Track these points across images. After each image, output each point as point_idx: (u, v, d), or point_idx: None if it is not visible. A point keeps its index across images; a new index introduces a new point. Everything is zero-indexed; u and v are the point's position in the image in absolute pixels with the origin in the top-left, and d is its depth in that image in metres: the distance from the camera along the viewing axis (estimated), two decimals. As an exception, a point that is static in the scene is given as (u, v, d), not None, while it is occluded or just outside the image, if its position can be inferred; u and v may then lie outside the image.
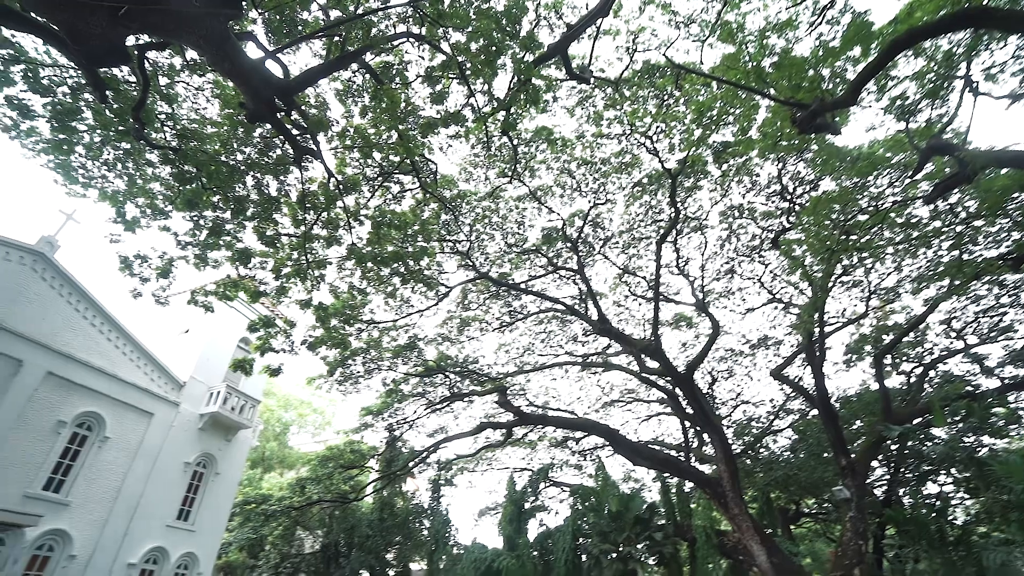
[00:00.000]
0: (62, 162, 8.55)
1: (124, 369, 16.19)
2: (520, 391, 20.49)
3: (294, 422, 40.77)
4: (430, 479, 25.94)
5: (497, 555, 21.56)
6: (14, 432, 13.13)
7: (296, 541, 26.21)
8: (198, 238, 9.75)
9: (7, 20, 5.24)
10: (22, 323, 13.78)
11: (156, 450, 16.49)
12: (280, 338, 11.29)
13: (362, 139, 9.35)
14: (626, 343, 16.20)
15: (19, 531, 12.43)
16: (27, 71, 7.50)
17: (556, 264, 16.09)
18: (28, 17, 5.35)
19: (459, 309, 17.48)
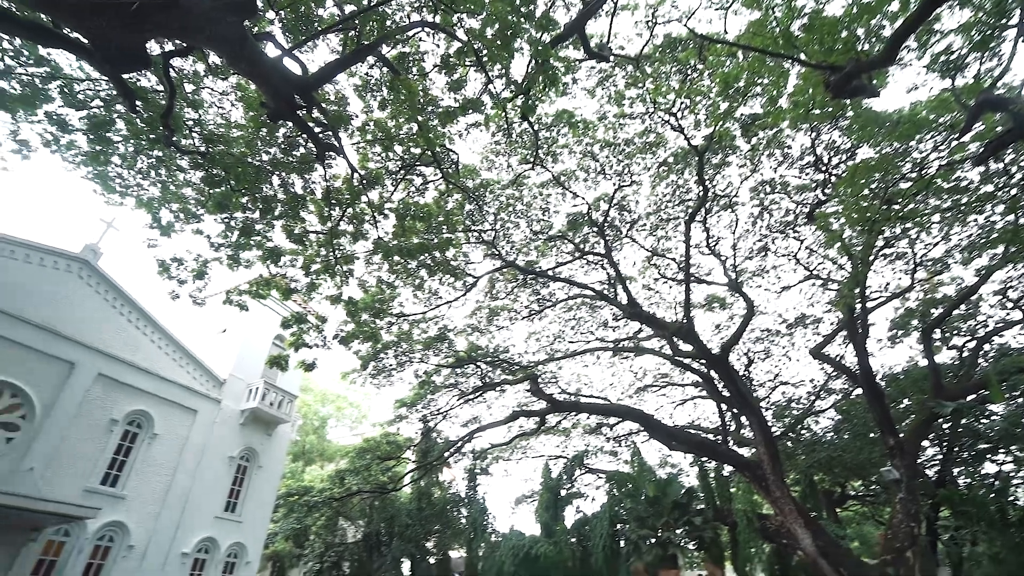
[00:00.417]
0: (100, 172, 8.93)
1: (168, 369, 16.98)
2: (552, 379, 20.51)
3: (332, 416, 41.96)
4: (466, 468, 26.38)
5: (535, 542, 21.81)
6: (71, 431, 13.97)
7: (339, 531, 27.11)
8: (230, 239, 10.05)
9: (40, 36, 5.47)
10: (72, 327, 14.58)
11: (202, 445, 17.28)
12: (312, 333, 11.59)
13: (382, 132, 9.43)
14: (658, 326, 15.99)
15: (81, 523, 13.29)
16: (63, 87, 7.84)
17: (583, 249, 15.95)
18: (58, 32, 5.57)
19: (487, 299, 17.56)
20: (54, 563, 12.98)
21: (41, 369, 13.71)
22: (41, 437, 13.23)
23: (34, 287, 14.12)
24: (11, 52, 7.35)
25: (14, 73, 7.38)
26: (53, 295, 14.49)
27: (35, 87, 7.49)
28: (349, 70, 8.92)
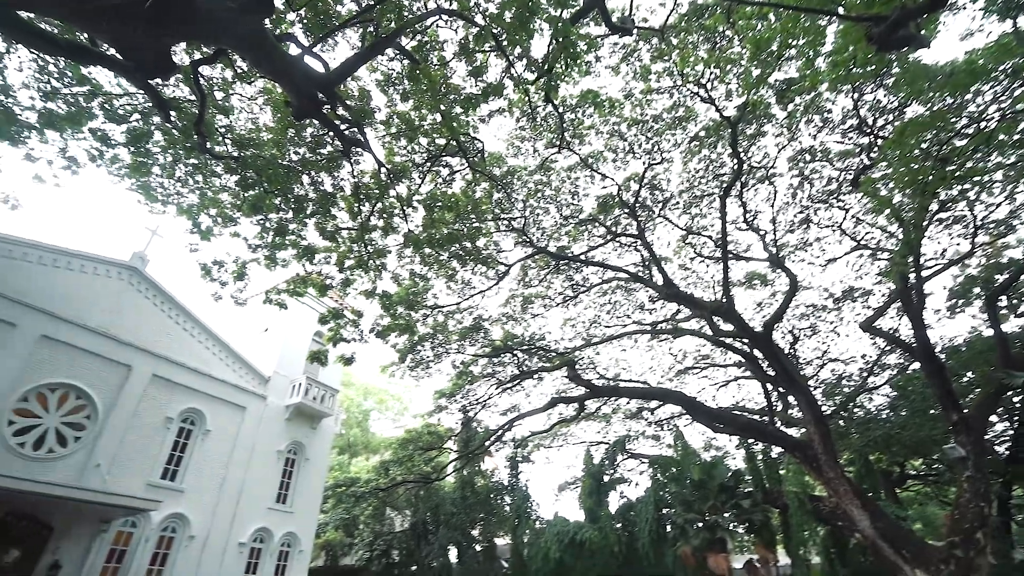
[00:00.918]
0: (142, 183, 9.38)
1: (216, 368, 17.85)
2: (589, 364, 20.42)
3: (374, 409, 43.16)
4: (507, 457, 26.72)
5: (579, 528, 21.95)
6: (131, 429, 14.92)
7: (387, 520, 28.02)
8: (266, 240, 10.39)
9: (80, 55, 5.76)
10: (127, 332, 15.50)
11: (251, 440, 18.14)
12: (349, 328, 11.89)
13: (406, 125, 9.51)
14: (696, 306, 15.66)
15: (146, 515, 14.24)
16: (104, 103, 8.25)
17: (615, 232, 15.73)
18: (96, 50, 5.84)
19: (520, 287, 17.60)
20: (124, 552, 13.95)
21: (101, 372, 14.67)
22: (104, 435, 14.19)
23: (90, 295, 15.06)
24: (56, 74, 7.76)
25: (60, 94, 7.80)
26: (108, 302, 15.42)
27: (79, 106, 7.90)
28: (371, 65, 9.03)
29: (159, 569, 14.61)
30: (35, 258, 14.14)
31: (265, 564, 17.28)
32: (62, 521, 12.52)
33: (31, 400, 13.27)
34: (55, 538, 12.41)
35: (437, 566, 24.29)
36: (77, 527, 12.81)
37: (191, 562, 15.20)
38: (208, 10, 4.41)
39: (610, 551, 20.98)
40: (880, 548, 12.11)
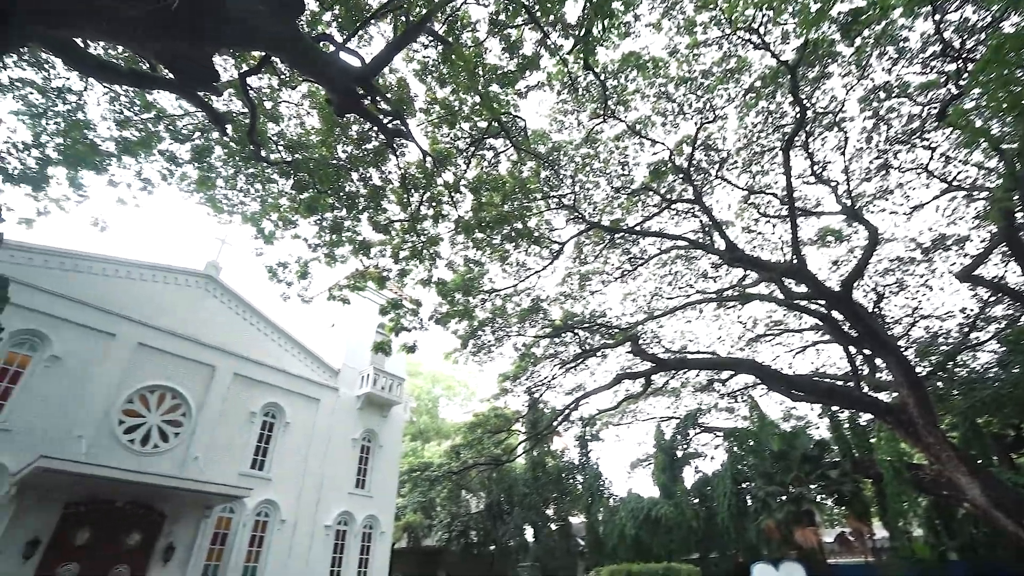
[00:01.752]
0: (209, 196, 10.13)
1: (290, 364, 19.18)
2: (653, 338, 20.06)
3: (443, 396, 44.74)
4: (576, 436, 26.94)
5: (654, 504, 21.88)
6: (221, 424, 16.42)
7: (462, 502, 29.17)
8: (324, 239, 10.93)
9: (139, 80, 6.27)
10: (207, 335, 16.97)
11: (327, 430, 19.43)
12: (409, 317, 12.32)
13: (446, 111, 9.63)
14: (764, 269, 14.93)
15: (241, 502, 15.72)
16: (168, 125, 8.94)
17: (670, 199, 15.23)
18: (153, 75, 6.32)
19: (576, 264, 17.48)
20: (226, 535, 15.53)
21: (190, 374, 16.18)
22: (199, 431, 15.72)
23: (174, 304, 16.58)
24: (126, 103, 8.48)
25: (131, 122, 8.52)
26: (189, 309, 16.93)
27: (148, 130, 8.61)
28: (406, 55, 9.18)
29: (257, 550, 16.12)
30: (124, 273, 15.69)
31: (350, 545, 18.60)
32: (172, 508, 14.05)
33: (135, 402, 14.88)
34: (167, 523, 13.97)
35: (514, 545, 25.09)
36: (185, 513, 14.34)
37: (284, 543, 16.64)
38: (240, 14, 4.62)
39: (688, 527, 20.79)
40: (995, 519, 11.26)
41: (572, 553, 25.07)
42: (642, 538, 21.46)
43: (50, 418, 13.00)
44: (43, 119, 7.89)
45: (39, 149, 7.81)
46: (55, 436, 12.85)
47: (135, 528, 13.35)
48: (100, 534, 12.75)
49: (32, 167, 7.72)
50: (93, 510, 12.74)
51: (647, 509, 21.77)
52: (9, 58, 7.54)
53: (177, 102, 8.86)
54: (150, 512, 13.67)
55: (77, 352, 13.97)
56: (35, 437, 12.49)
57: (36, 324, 13.40)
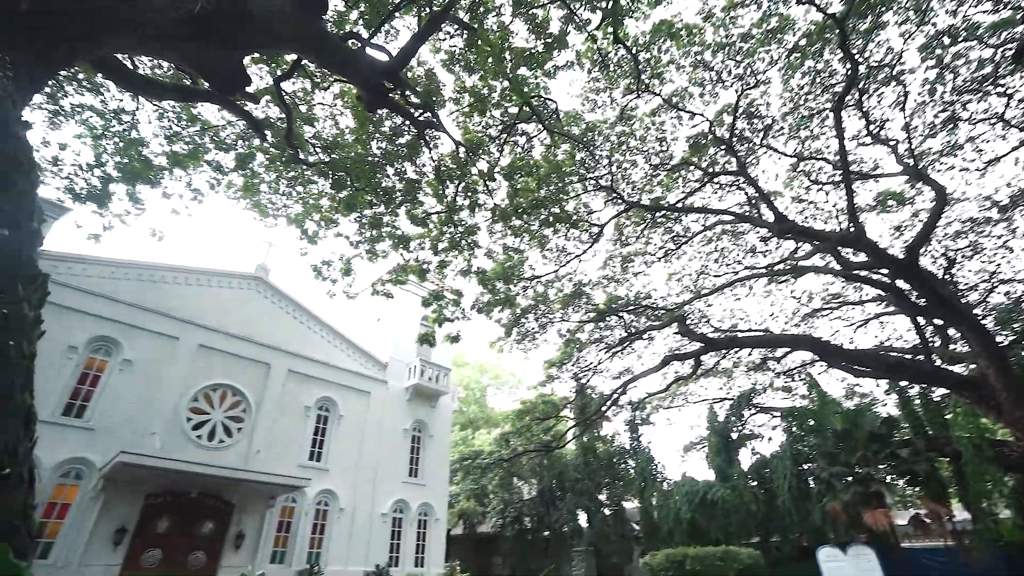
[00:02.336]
0: (255, 201, 10.67)
1: (340, 359, 20.05)
2: (702, 318, 19.67)
3: (491, 385, 45.45)
4: (625, 420, 26.86)
5: (709, 487, 21.60)
6: (279, 419, 17.41)
7: (515, 489, 29.72)
8: (364, 235, 11.31)
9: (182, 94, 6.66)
10: (261, 335, 17.96)
11: (379, 421, 20.25)
12: (451, 308, 12.58)
13: (476, 99, 9.70)
14: (817, 240, 14.31)
15: (302, 492, 16.69)
16: (213, 136, 9.45)
17: (712, 172, 14.78)
18: (195, 88, 6.70)
19: (617, 246, 17.30)
20: (290, 523, 16.54)
21: (248, 372, 17.22)
22: (258, 426, 16.73)
23: (228, 306, 17.62)
24: (174, 118, 9.02)
25: (179, 136, 9.07)
26: (242, 310, 17.97)
27: (195, 143, 9.14)
28: (433, 46, 9.30)
29: (320, 537, 17.08)
30: (183, 280, 16.77)
31: (406, 532, 19.41)
32: (239, 499, 15.09)
33: (200, 400, 15.99)
34: (236, 512, 15.02)
35: (568, 530, 25.39)
36: (251, 503, 15.37)
37: (344, 531, 17.55)
38: (265, 16, 4.82)
39: (746, 510, 20.42)
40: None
41: (627, 538, 25.14)
42: (698, 522, 21.25)
43: (127, 417, 14.20)
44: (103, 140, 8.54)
45: (101, 168, 8.47)
46: (132, 433, 14.04)
47: (208, 517, 14.44)
48: (177, 523, 13.89)
49: (96, 185, 8.39)
50: (170, 501, 13.87)
51: (702, 492, 21.52)
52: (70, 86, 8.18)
53: (220, 113, 9.33)
54: (220, 502, 14.73)
55: (146, 355, 15.13)
56: (115, 435, 13.69)
57: (109, 331, 14.61)
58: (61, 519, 12.35)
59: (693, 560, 17.32)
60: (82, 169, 8.39)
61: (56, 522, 12.21)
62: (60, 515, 12.38)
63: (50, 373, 13.14)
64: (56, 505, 12.38)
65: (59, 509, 12.43)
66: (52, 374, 13.18)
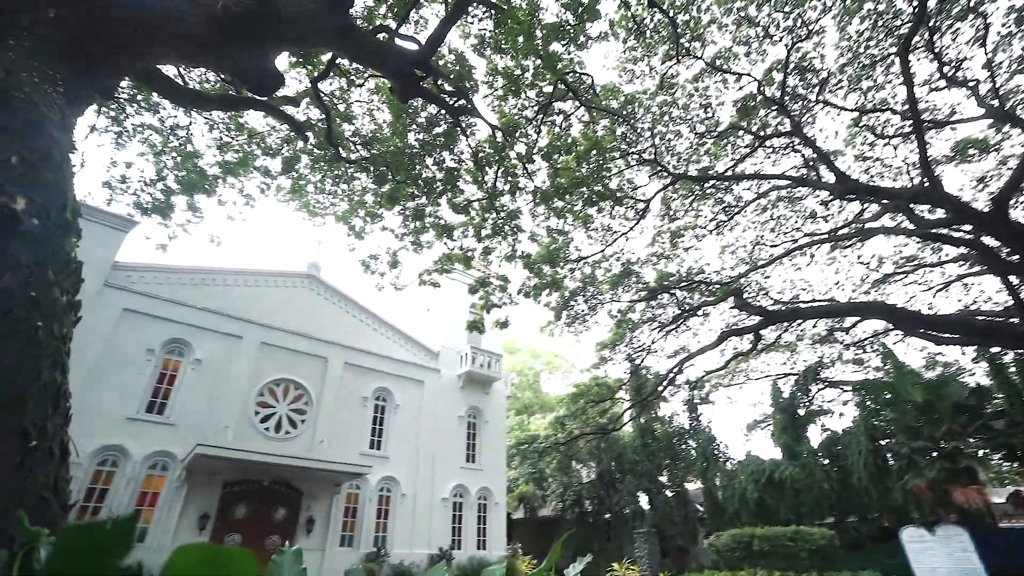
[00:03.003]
0: (303, 202, 11.21)
1: (393, 350, 20.87)
2: (759, 291, 19.02)
3: (544, 370, 45.79)
4: (684, 400, 26.47)
5: (776, 465, 21.07)
6: (339, 410, 18.38)
7: (573, 472, 30.04)
8: (408, 227, 11.64)
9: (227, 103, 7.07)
10: (317, 330, 18.96)
11: (433, 409, 21.02)
12: (497, 294, 12.77)
13: (509, 81, 9.72)
14: (886, 198, 13.47)
15: (364, 479, 17.65)
16: (259, 143, 9.98)
17: (764, 136, 14.16)
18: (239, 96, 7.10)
19: (665, 222, 16.95)
20: (356, 508, 17.54)
21: (307, 366, 18.25)
22: (320, 417, 17.75)
23: (285, 303, 18.68)
24: (224, 129, 9.59)
25: (229, 146, 9.64)
26: (298, 307, 19.01)
27: (244, 151, 9.69)
28: (462, 31, 9.39)
29: (384, 521, 18.04)
30: (242, 281, 17.90)
31: (467, 515, 20.15)
32: (307, 486, 16.13)
33: (265, 394, 17.12)
34: (305, 499, 16.09)
35: (630, 513, 25.47)
36: (318, 490, 16.42)
37: (407, 515, 18.45)
38: (293, 14, 5.01)
39: (818, 489, 19.80)
40: None
41: (691, 519, 24.96)
42: (766, 502, 20.81)
43: (201, 412, 15.46)
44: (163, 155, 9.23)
45: (162, 182, 9.17)
46: (207, 427, 15.26)
47: (280, 504, 15.54)
48: (253, 509, 15.06)
49: (159, 198, 9.11)
50: (245, 489, 15.03)
51: (769, 471, 21.01)
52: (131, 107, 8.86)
53: (265, 120, 9.82)
54: (290, 490, 15.80)
55: (214, 354, 16.34)
56: (193, 428, 14.94)
57: (180, 334, 15.88)
58: (152, 506, 13.77)
59: (761, 540, 17.00)
60: (146, 184, 9.14)
61: (149, 509, 13.66)
62: (151, 503, 13.80)
63: (132, 374, 14.58)
64: (148, 494, 13.82)
65: (150, 497, 13.85)
66: (134, 376, 14.61)
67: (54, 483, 1.59)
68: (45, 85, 2.32)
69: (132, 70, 3.78)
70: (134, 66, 3.72)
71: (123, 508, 13.13)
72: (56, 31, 2.68)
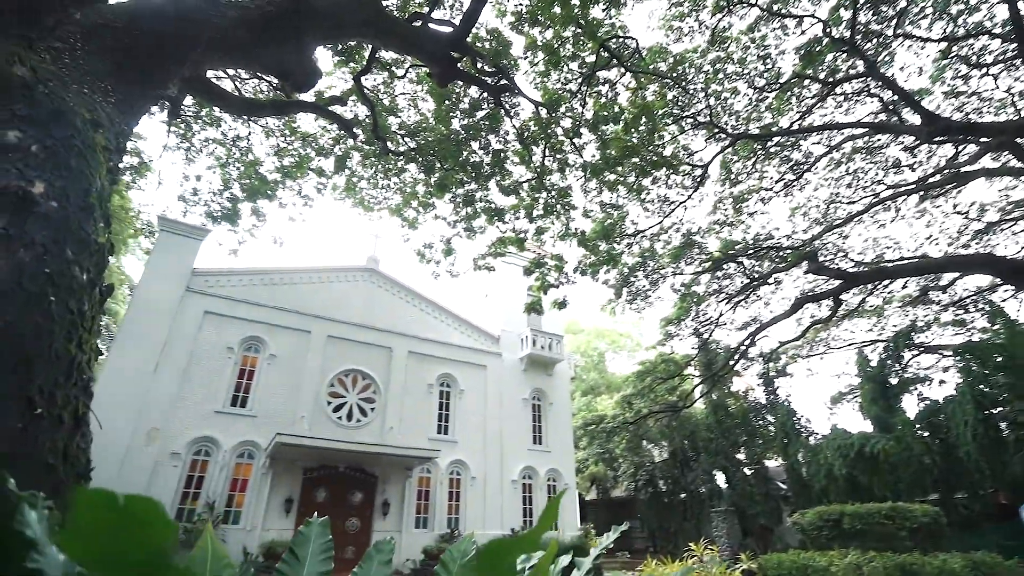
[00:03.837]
0: (358, 199, 11.78)
1: (454, 337, 21.63)
2: (837, 253, 17.99)
3: (608, 350, 45.54)
4: (758, 374, 25.61)
5: (866, 439, 20.05)
6: (406, 397, 19.33)
7: (644, 452, 29.94)
8: (460, 213, 11.95)
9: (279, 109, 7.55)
10: (379, 321, 19.94)
11: (498, 393, 21.63)
12: (553, 274, 12.89)
13: (549, 54, 9.67)
14: (986, 135, 12.26)
15: (434, 463, 18.53)
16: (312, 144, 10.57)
17: (833, 81, 13.26)
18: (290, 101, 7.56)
19: (726, 187, 16.35)
20: (428, 491, 18.51)
21: (372, 356, 19.30)
22: (388, 405, 18.76)
23: (348, 297, 19.78)
24: (280, 136, 10.24)
25: (285, 151, 10.29)
26: (360, 300, 20.05)
27: (299, 154, 10.31)
28: (498, 8, 9.41)
29: (456, 504, 18.93)
30: (307, 279, 19.10)
31: (537, 496, 20.72)
32: (381, 471, 17.19)
33: (336, 385, 18.28)
34: (379, 483, 17.16)
35: (705, 492, 25.14)
36: (391, 475, 17.47)
37: (478, 497, 19.26)
38: (326, 6, 5.25)
39: (917, 463, 18.67)
40: None
41: (773, 497, 24.29)
42: (857, 478, 19.87)
43: (279, 404, 16.79)
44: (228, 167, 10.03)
45: (229, 191, 9.97)
46: (285, 417, 16.59)
47: (356, 488, 16.68)
48: (332, 493, 16.28)
49: (227, 207, 9.92)
50: (324, 475, 16.25)
51: (858, 445, 20.01)
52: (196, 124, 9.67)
53: (316, 122, 10.38)
54: (365, 475, 16.90)
55: (287, 349, 17.62)
56: (272, 419, 16.30)
57: (255, 332, 17.24)
58: (243, 492, 15.27)
59: (852, 518, 16.28)
60: (215, 194, 9.99)
61: (240, 494, 15.19)
62: (242, 488, 15.32)
63: (216, 371, 16.12)
64: (238, 480, 15.36)
65: (240, 484, 15.37)
66: (218, 372, 16.14)
67: (64, 451, 1.61)
68: (95, 95, 2.63)
69: (179, 77, 4.06)
70: (180, 73, 3.99)
71: (218, 494, 14.74)
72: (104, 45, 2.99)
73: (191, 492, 14.63)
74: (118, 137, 2.80)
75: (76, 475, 1.66)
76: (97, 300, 1.98)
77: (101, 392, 14.06)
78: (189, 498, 14.52)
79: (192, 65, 3.94)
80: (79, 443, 1.67)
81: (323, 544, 1.91)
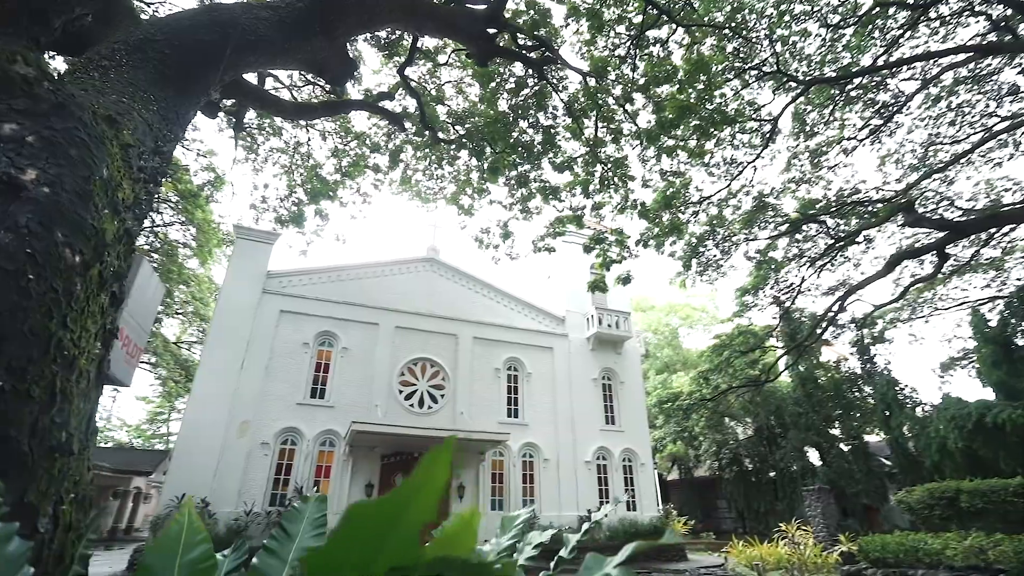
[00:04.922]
0: (415, 191, 12.15)
1: (518, 320, 22.07)
2: (940, 201, 16.45)
3: (682, 325, 44.37)
4: (851, 342, 24.09)
5: (987, 408, 18.44)
6: (474, 382, 20.04)
7: (727, 429, 29.16)
8: (515, 195, 12.02)
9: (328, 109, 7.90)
10: (444, 309, 20.76)
11: (566, 374, 21.87)
12: (614, 249, 12.70)
13: (592, 18, 9.43)
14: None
15: (506, 446, 19.12)
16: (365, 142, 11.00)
17: (926, 2, 11.99)
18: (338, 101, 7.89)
19: (801, 140, 15.35)
20: (501, 474, 19.15)
21: (439, 344, 20.14)
22: (458, 391, 19.56)
23: (412, 288, 20.74)
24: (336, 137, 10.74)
25: (342, 151, 10.80)
26: (423, 289, 20.95)
27: (355, 153, 10.79)
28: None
29: (530, 486, 19.48)
30: (373, 273, 20.24)
31: (613, 477, 20.89)
32: (454, 456, 17.76)
33: (406, 373, 19.29)
34: (454, 467, 17.77)
35: (797, 469, 24.18)
36: (465, 459, 18.25)
37: (551, 479, 19.72)
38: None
39: (1055, 433, 16.93)
40: None
41: (876, 474, 22.98)
42: (977, 452, 18.34)
43: (354, 394, 18.02)
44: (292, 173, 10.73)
45: (294, 195, 10.67)
46: (360, 406, 17.78)
47: (434, 473, 17.48)
48: (410, 479, 17.18)
49: (293, 210, 10.63)
50: (400, 460, 17.31)
51: (977, 416, 18.42)
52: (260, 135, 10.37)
53: (368, 120, 10.77)
54: (440, 460, 17.68)
55: (358, 342, 18.80)
56: (349, 409, 17.53)
57: (328, 327, 18.57)
58: (327, 478, 16.68)
59: (971, 496, 15.12)
60: (281, 200, 10.75)
61: (325, 480, 16.62)
62: (326, 474, 16.75)
63: (295, 366, 17.61)
64: (322, 467, 16.78)
65: (324, 470, 16.80)
66: (296, 367, 17.61)
67: (33, 425, 1.62)
68: (135, 102, 2.88)
69: (218, 81, 4.28)
70: (219, 78, 4.21)
71: (305, 479, 16.23)
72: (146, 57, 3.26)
73: (281, 479, 16.18)
74: (156, 140, 3.00)
75: (49, 448, 1.66)
76: (95, 281, 2.03)
77: (198, 389, 15.75)
78: (280, 484, 16.06)
79: (229, 69, 4.17)
80: (54, 418, 1.69)
81: (316, 520, 1.85)
